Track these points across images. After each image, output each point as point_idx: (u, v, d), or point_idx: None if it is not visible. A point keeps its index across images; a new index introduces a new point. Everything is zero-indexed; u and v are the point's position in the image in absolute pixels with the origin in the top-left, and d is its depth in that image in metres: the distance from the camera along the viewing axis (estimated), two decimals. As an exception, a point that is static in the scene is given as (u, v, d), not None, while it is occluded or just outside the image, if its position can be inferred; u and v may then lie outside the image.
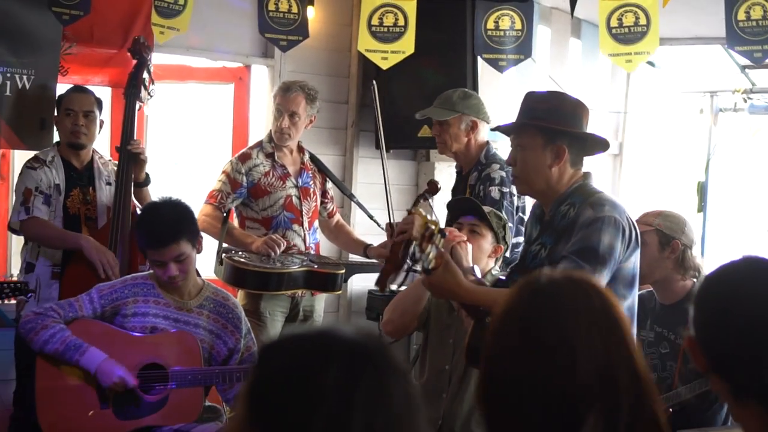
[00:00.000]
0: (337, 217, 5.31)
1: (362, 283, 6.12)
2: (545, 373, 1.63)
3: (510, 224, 4.43)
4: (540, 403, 1.62)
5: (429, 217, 2.90)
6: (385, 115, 6.01)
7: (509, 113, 6.51)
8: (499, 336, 1.72)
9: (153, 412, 3.74)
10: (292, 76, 5.63)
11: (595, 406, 1.61)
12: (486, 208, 3.99)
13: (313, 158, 5.16)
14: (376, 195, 6.11)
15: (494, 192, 4.65)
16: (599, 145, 3.31)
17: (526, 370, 1.64)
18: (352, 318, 6.17)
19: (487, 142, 4.90)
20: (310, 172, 5.08)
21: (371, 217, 5.17)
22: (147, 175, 4.76)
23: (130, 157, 4.63)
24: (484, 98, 6.13)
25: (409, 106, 5.77)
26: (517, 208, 4.71)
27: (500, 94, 6.51)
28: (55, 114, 4.73)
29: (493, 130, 3.35)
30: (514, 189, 4.63)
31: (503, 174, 4.64)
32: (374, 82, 5.26)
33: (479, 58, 5.80)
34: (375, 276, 5.79)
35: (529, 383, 1.63)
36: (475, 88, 5.83)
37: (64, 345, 3.65)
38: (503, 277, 3.45)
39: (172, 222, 3.85)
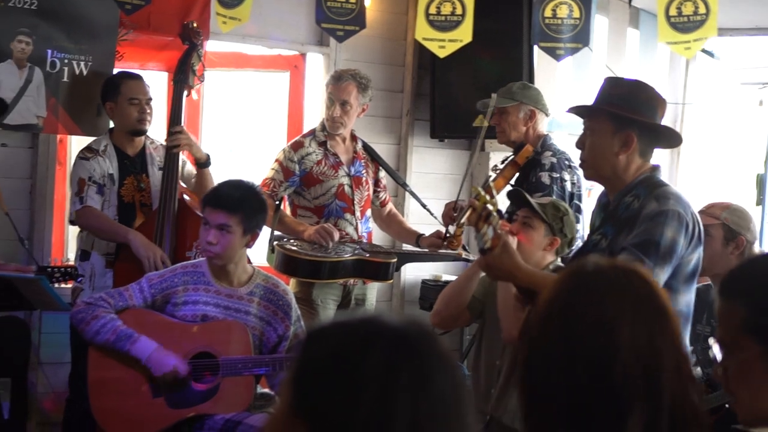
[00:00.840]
0: (390, 206, 5.30)
1: (416, 272, 6.11)
2: (585, 354, 1.59)
3: None
4: (580, 390, 1.58)
5: (489, 198, 2.86)
6: (440, 104, 6.01)
7: (565, 104, 6.48)
8: (541, 317, 1.69)
9: (204, 400, 3.75)
10: (347, 64, 5.62)
11: (637, 397, 1.57)
12: (546, 199, 3.95)
13: (366, 147, 5.14)
14: (430, 184, 6.10)
15: (544, 177, 4.63)
16: (672, 138, 3.25)
17: (566, 350, 1.61)
18: (405, 307, 6.16)
19: (547, 135, 4.87)
20: (362, 161, 5.07)
21: (424, 206, 5.15)
22: (207, 156, 4.75)
23: (172, 149, 4.64)
24: (540, 88, 6.10)
25: (464, 95, 5.76)
26: (571, 195, 4.66)
27: (556, 84, 6.44)
28: (107, 101, 4.71)
29: (568, 111, 3.30)
30: (565, 175, 4.60)
31: (554, 160, 4.62)
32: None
33: (535, 48, 5.75)
34: (428, 265, 5.90)
35: (568, 365, 1.60)
36: (531, 77, 5.79)
37: (116, 335, 3.68)
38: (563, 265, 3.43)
39: (240, 196, 3.87)
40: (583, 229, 4.76)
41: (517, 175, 4.69)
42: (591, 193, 6.66)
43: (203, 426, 3.70)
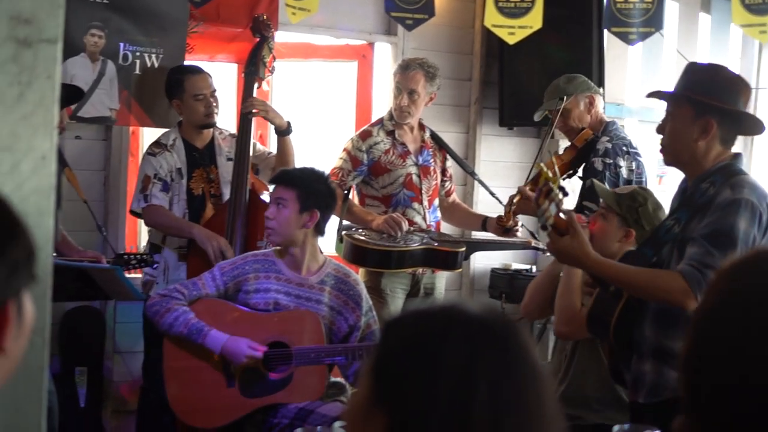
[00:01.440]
0: (454, 196, 5.27)
1: (485, 261, 6.09)
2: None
3: None
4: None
5: (551, 174, 2.84)
6: (509, 92, 5.97)
7: (635, 90, 6.41)
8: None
9: (278, 389, 3.77)
10: (415, 53, 5.60)
11: None
12: (627, 188, 3.90)
13: (434, 136, 5.12)
14: (499, 173, 6.07)
15: (597, 163, 4.60)
16: (754, 125, 3.18)
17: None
18: (474, 296, 6.13)
19: (611, 120, 4.84)
20: (430, 150, 5.05)
21: (493, 195, 5.12)
22: (288, 123, 4.74)
23: (244, 134, 4.66)
24: (610, 74, 6.04)
25: (533, 82, 5.72)
26: (628, 182, 4.60)
27: (626, 70, 6.37)
28: (173, 99, 4.74)
29: (648, 95, 3.26)
30: (620, 161, 4.57)
31: (608, 146, 4.60)
32: None
33: (605, 34, 5.69)
34: (498, 254, 5.88)
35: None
36: (600, 63, 5.73)
37: (187, 328, 3.72)
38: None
39: (300, 173, 3.93)
40: None
41: (576, 159, 4.67)
42: (662, 180, 6.61)
43: (277, 415, 3.73)
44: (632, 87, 6.45)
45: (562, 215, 2.92)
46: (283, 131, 4.71)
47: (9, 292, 1.25)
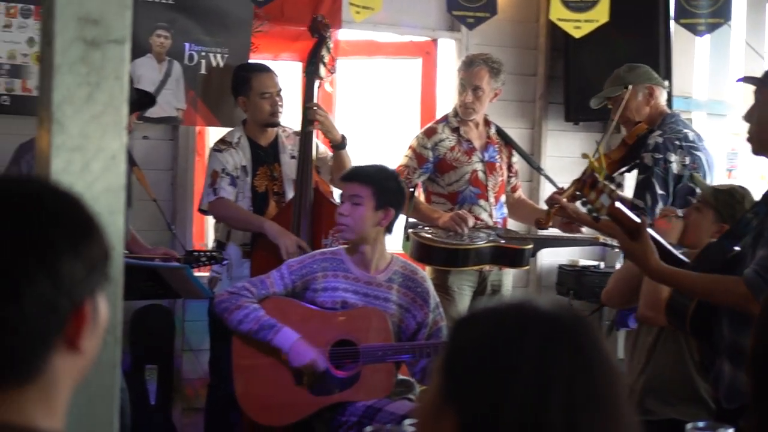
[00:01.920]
0: (520, 192, 5.23)
1: (552, 257, 6.03)
2: None
3: (661, 192, 4.33)
4: None
5: (597, 165, 2.79)
6: (574, 86, 5.91)
7: (703, 82, 6.31)
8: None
9: (346, 387, 3.77)
10: (479, 49, 5.56)
11: None
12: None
13: (499, 131, 5.09)
14: (565, 168, 5.99)
15: (646, 158, 4.51)
16: None
17: None
18: (541, 293, 6.08)
19: (672, 113, 4.75)
20: (496, 146, 5.02)
21: (558, 187, 5.06)
22: (343, 137, 4.76)
23: (307, 133, 4.67)
24: (678, 67, 5.95)
25: (599, 77, 5.60)
26: (679, 177, 4.50)
27: (694, 62, 6.27)
28: (239, 96, 4.78)
29: (739, 81, 3.16)
30: (671, 156, 4.47)
31: (659, 140, 4.51)
32: None
33: (672, 26, 5.60)
34: (565, 250, 5.82)
35: None
36: (668, 56, 5.64)
37: (258, 324, 3.73)
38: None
39: (373, 170, 3.94)
40: None
41: (627, 157, 4.60)
42: (731, 174, 6.48)
43: (345, 413, 3.73)
44: (700, 79, 6.35)
45: (618, 205, 2.86)
46: (338, 145, 4.72)
47: (86, 291, 1.27)
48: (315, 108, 4.66)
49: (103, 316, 1.33)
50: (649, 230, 2.99)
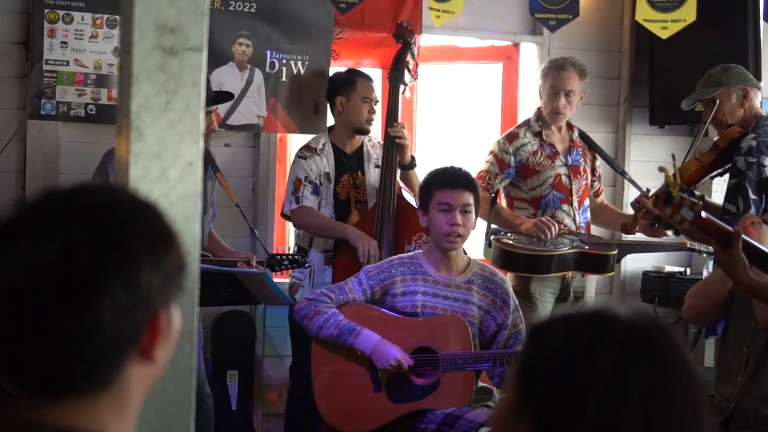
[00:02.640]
0: (603, 197, 5.15)
1: (636, 263, 5.92)
2: None
3: (754, 197, 4.23)
4: None
5: (672, 179, 2.72)
6: (659, 89, 5.80)
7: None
8: None
9: (425, 395, 3.75)
10: (562, 52, 5.49)
11: None
12: None
13: (582, 135, 5.02)
14: (650, 173, 5.84)
15: (740, 162, 4.38)
16: None
17: None
18: (625, 300, 5.98)
19: (765, 116, 4.61)
20: (579, 149, 4.95)
21: (641, 190, 4.97)
22: (413, 158, 4.78)
23: (392, 140, 4.68)
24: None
25: (686, 79, 5.50)
26: None
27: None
28: (339, 96, 4.77)
29: None
30: (765, 160, 4.34)
31: (753, 143, 4.36)
32: None
33: (762, 26, 5.47)
34: (650, 256, 5.71)
35: None
36: (757, 56, 5.49)
37: (338, 329, 3.72)
38: None
39: (468, 175, 3.92)
40: None
41: (719, 160, 4.48)
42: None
43: (424, 420, 3.70)
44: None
45: (705, 215, 2.79)
46: (406, 166, 4.71)
47: (161, 302, 1.27)
48: (399, 130, 4.66)
49: (176, 325, 1.34)
50: (747, 237, 2.91)
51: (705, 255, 5.05)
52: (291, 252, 4.76)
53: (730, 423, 3.63)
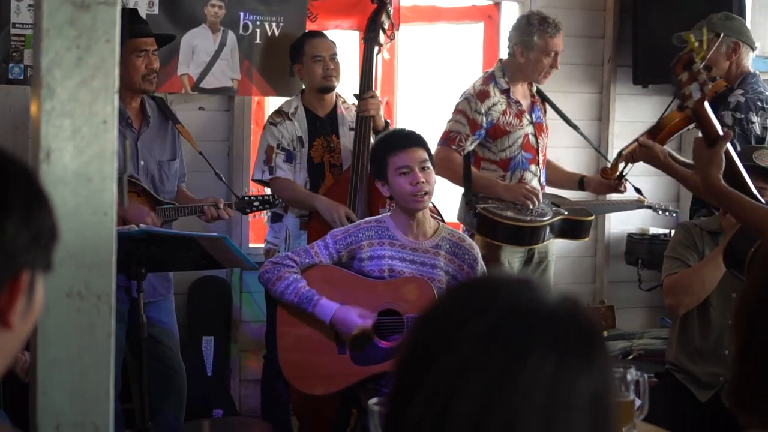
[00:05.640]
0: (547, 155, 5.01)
1: (621, 225, 5.87)
2: None
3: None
4: None
5: (697, 45, 2.61)
6: (643, 48, 5.71)
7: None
8: (761, 258, 1.49)
9: (390, 358, 3.70)
10: (544, 11, 5.37)
11: None
12: None
13: (538, 90, 4.91)
14: (636, 133, 5.74)
15: (726, 117, 4.30)
16: None
17: None
18: (610, 262, 5.92)
19: (753, 73, 4.53)
20: (538, 104, 4.85)
21: (599, 152, 4.94)
22: (386, 122, 4.70)
23: (365, 102, 4.61)
24: (756, 26, 5.69)
25: (669, 37, 5.41)
26: (761, 139, 4.31)
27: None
28: (295, 63, 4.75)
29: None
30: (752, 116, 4.27)
31: (741, 99, 4.29)
32: None
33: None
34: (635, 218, 5.64)
35: None
36: (741, 16, 5.39)
37: (298, 297, 3.68)
38: None
39: (415, 134, 3.86)
40: None
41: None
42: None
43: (388, 383, 3.65)
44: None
45: (707, 107, 2.70)
46: (380, 131, 4.65)
47: (26, 260, 1.22)
48: (371, 98, 4.59)
49: (39, 300, 1.29)
50: (730, 148, 2.83)
51: (667, 213, 4.99)
52: (261, 194, 4.67)
53: (722, 395, 3.59)
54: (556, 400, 1.06)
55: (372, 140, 4.63)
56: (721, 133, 2.78)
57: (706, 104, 2.72)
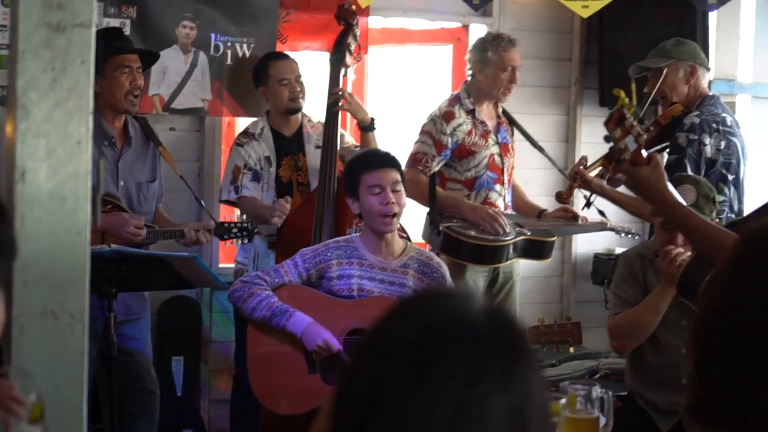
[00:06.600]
0: (514, 176, 5.05)
1: (588, 246, 5.93)
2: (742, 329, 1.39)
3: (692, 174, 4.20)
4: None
5: (627, 100, 2.65)
6: (609, 70, 5.79)
7: (747, 64, 6.14)
8: (711, 283, 1.50)
9: (359, 377, 3.72)
10: (513, 33, 5.43)
11: None
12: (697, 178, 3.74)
13: (504, 111, 4.97)
14: (601, 154, 5.88)
15: (681, 138, 4.38)
16: None
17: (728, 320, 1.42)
18: (577, 282, 5.98)
19: (712, 95, 4.61)
20: (505, 126, 4.91)
21: (563, 172, 5.00)
22: (372, 119, 4.73)
23: (332, 121, 4.63)
24: (721, 48, 5.81)
25: (635, 59, 5.50)
26: (712, 161, 4.37)
27: (739, 44, 6.10)
28: (260, 86, 4.79)
29: None
30: (705, 138, 4.34)
31: (696, 121, 4.37)
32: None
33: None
34: (601, 239, 5.71)
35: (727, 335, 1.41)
36: (705, 38, 5.50)
37: (271, 311, 3.70)
38: None
39: (389, 155, 3.92)
40: (740, 202, 4.49)
41: (660, 136, 4.48)
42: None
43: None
44: (744, 62, 6.18)
45: (644, 153, 2.73)
46: (366, 127, 4.67)
47: None
48: (340, 92, 4.62)
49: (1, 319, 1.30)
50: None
51: (630, 236, 5.06)
52: (239, 220, 4.68)
53: (685, 424, 3.59)
54: (464, 415, 1.08)
55: (345, 149, 4.69)
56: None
57: (644, 153, 2.73)
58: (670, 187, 2.73)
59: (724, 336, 1.40)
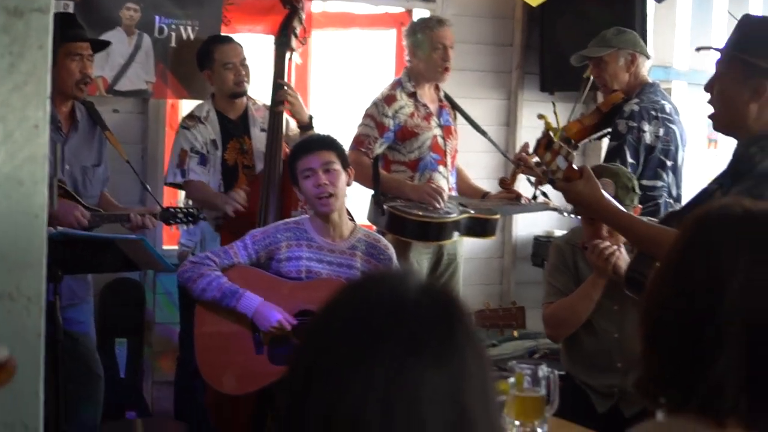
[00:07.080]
0: (457, 160, 5.14)
1: (528, 228, 6.03)
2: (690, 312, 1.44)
3: (631, 161, 4.35)
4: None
5: (553, 125, 2.74)
6: (550, 56, 5.88)
7: (684, 51, 6.26)
8: (657, 274, 1.54)
9: (306, 357, 3.76)
10: (455, 19, 5.50)
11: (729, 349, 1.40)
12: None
13: (446, 95, 5.04)
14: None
15: (621, 125, 4.48)
16: None
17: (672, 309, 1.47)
18: (517, 264, 6.08)
19: (652, 83, 4.71)
20: (447, 109, 4.98)
21: (506, 157, 5.08)
22: (310, 117, 4.76)
23: (277, 106, 4.66)
24: (658, 37, 5.91)
25: (575, 46, 5.57)
26: (651, 148, 4.48)
27: (675, 30, 6.22)
28: (204, 70, 4.80)
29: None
30: (645, 125, 4.44)
31: (635, 108, 4.47)
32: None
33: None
34: (541, 221, 5.81)
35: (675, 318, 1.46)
36: (643, 24, 5.60)
37: (221, 292, 3.73)
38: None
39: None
40: (678, 187, 4.60)
41: (601, 123, 4.59)
42: (717, 144, 6.46)
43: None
44: (681, 48, 6.30)
45: (575, 167, 2.82)
46: (305, 126, 4.70)
47: None
48: (285, 88, 4.64)
49: None
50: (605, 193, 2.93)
51: (572, 216, 5.15)
52: (185, 205, 4.68)
53: (620, 406, 3.68)
54: (398, 390, 1.11)
55: (291, 137, 4.72)
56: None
57: (575, 165, 2.82)
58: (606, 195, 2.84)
59: (674, 319, 1.46)
